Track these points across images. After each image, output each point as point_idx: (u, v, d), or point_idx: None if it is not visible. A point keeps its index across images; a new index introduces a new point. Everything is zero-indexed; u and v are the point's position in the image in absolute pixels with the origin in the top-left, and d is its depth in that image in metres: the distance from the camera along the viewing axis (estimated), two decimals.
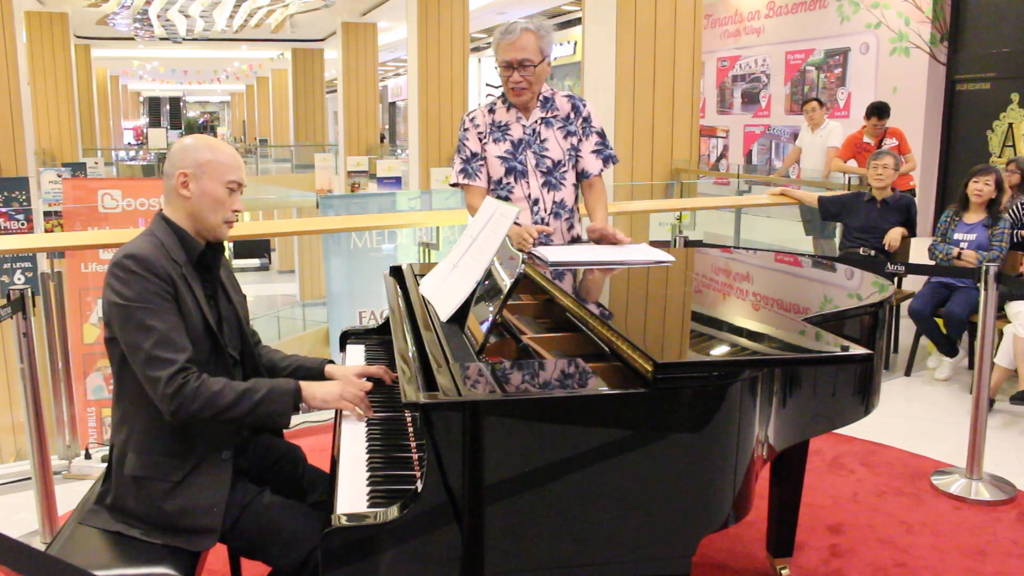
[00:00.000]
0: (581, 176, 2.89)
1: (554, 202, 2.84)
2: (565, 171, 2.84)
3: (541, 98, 2.83)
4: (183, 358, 1.72)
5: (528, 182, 2.82)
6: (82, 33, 18.44)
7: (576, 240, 2.94)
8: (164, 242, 1.84)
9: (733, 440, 1.55)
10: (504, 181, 2.83)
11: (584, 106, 2.87)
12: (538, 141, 2.82)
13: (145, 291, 1.73)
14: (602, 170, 2.88)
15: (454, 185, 2.90)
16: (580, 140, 2.85)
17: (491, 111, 2.86)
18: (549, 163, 2.82)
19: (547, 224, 2.84)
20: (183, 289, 1.81)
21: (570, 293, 1.99)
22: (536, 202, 2.83)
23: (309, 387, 1.85)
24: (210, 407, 1.72)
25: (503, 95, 2.85)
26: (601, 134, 2.88)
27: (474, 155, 2.84)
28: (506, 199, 2.81)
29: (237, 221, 1.97)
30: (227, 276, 2.03)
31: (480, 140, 2.84)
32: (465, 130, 2.86)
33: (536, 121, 2.82)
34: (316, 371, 2.08)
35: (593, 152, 2.87)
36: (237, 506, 1.79)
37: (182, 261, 1.85)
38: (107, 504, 1.82)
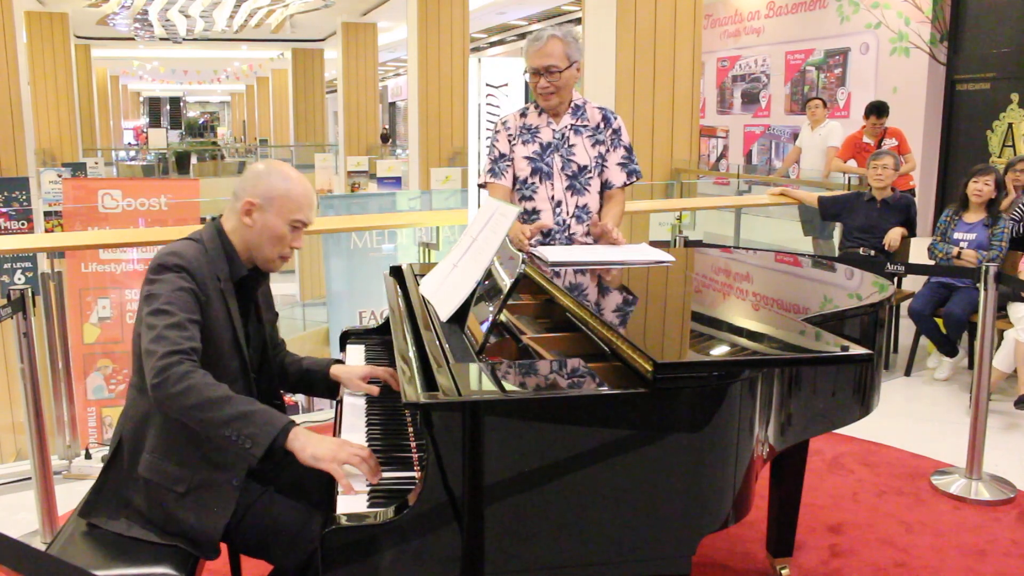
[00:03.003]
0: (604, 186, 2.90)
1: (577, 206, 2.85)
2: (590, 177, 2.86)
3: (572, 105, 2.87)
4: (188, 345, 1.67)
5: (553, 184, 2.84)
6: (82, 33, 18.42)
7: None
8: (211, 254, 1.81)
9: (733, 440, 1.55)
10: (529, 181, 2.85)
11: (615, 119, 2.90)
12: (566, 145, 2.84)
13: (177, 285, 1.72)
14: (625, 183, 2.90)
15: (481, 186, 2.96)
16: (608, 150, 2.87)
17: (523, 115, 2.91)
18: (575, 167, 2.84)
19: (568, 227, 2.85)
20: (217, 303, 1.79)
21: (570, 293, 1.99)
22: (559, 204, 2.84)
23: (304, 436, 1.64)
24: (191, 394, 1.61)
25: (536, 100, 2.89)
26: (628, 148, 2.91)
27: (502, 156, 2.89)
28: (530, 199, 2.84)
29: (291, 256, 1.91)
30: (263, 294, 2.01)
31: (510, 142, 2.89)
32: (496, 133, 2.92)
33: (566, 127, 2.85)
34: (321, 374, 2.09)
35: (619, 164, 2.89)
36: (241, 505, 1.79)
37: (224, 277, 1.82)
38: (111, 497, 1.79)
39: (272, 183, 1.83)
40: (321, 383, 2.11)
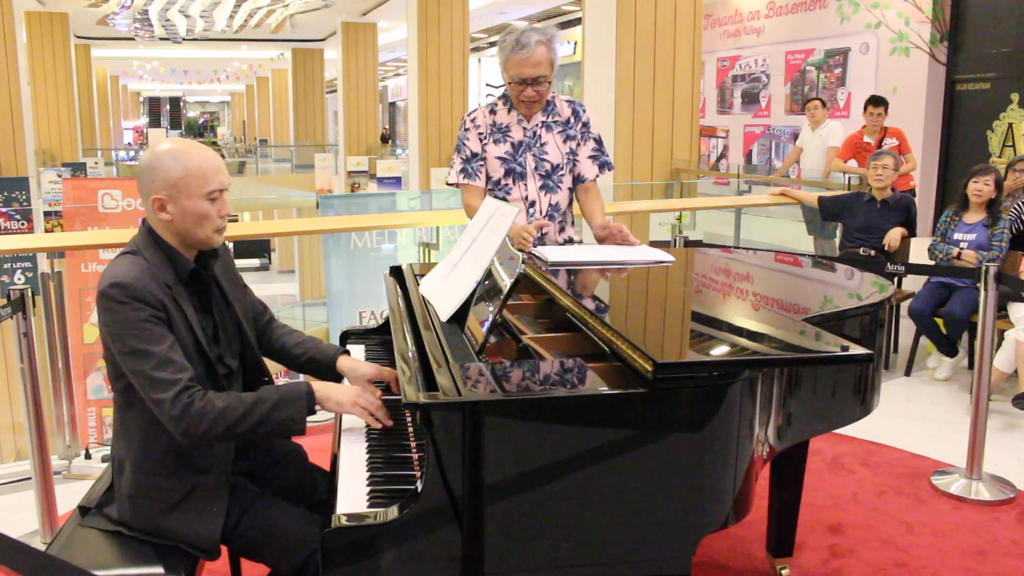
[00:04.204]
0: (576, 180, 2.89)
1: (550, 205, 2.85)
2: (563, 175, 2.85)
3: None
4: (185, 377, 1.66)
5: (526, 184, 2.82)
6: (82, 33, 18.43)
7: (568, 243, 2.94)
8: (152, 262, 1.75)
9: (733, 440, 1.55)
10: (503, 182, 2.83)
11: (584, 111, 2.88)
12: (538, 144, 2.82)
13: (135, 319, 1.67)
14: (597, 175, 2.89)
15: (452, 184, 2.90)
16: (578, 144, 2.86)
17: (492, 112, 2.86)
18: (548, 166, 2.83)
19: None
20: (174, 312, 1.74)
21: (570, 293, 1.99)
22: (532, 204, 2.83)
23: (323, 388, 1.78)
24: (219, 424, 1.65)
25: (504, 96, 2.85)
26: (598, 140, 2.90)
27: (474, 155, 2.84)
28: (503, 201, 2.81)
29: (227, 225, 1.84)
30: (225, 274, 1.94)
31: (480, 140, 2.84)
32: (466, 130, 2.86)
33: (537, 124, 2.83)
34: (328, 363, 2.05)
35: (590, 157, 2.88)
36: (238, 508, 1.78)
37: (171, 282, 1.76)
38: (109, 516, 1.80)
39: (167, 169, 1.73)
40: (327, 373, 2.09)
